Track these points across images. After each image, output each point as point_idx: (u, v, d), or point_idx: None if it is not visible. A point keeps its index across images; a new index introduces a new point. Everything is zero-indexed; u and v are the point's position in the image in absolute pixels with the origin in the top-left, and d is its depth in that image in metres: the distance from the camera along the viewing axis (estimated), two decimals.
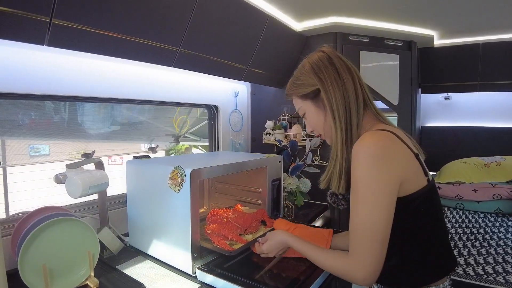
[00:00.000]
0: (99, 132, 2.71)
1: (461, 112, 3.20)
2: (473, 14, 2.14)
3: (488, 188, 2.57)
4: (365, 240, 0.82)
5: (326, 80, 0.96)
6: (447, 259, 0.94)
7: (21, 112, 2.47)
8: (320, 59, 1.00)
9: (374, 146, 0.83)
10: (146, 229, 1.38)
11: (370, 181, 0.82)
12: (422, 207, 0.86)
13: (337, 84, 0.95)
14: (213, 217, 1.44)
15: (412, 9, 2.04)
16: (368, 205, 0.82)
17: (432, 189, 0.90)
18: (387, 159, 0.83)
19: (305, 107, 1.05)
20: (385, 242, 0.82)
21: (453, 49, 2.77)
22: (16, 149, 3.80)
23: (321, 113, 1.01)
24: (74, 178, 1.20)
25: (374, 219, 0.81)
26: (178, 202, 1.19)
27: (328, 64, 0.98)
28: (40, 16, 1.02)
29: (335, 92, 0.95)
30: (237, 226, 1.35)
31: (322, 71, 0.97)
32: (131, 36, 1.29)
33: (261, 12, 1.85)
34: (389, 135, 0.87)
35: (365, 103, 0.98)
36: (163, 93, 1.90)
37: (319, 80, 0.97)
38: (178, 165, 1.18)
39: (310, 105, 1.03)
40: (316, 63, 1.00)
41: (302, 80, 1.03)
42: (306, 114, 1.07)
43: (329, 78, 0.96)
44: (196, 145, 3.97)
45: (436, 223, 0.92)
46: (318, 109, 1.02)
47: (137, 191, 1.42)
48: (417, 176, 0.87)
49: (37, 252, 1.06)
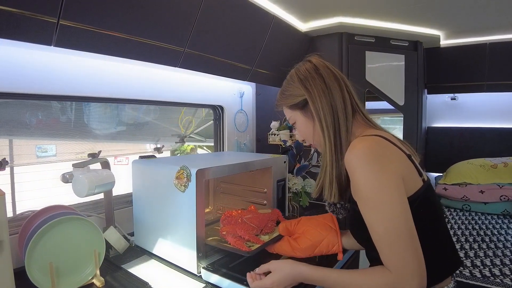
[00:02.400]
0: (105, 132, 2.73)
1: (467, 112, 3.18)
2: (480, 13, 2.12)
3: (495, 189, 2.55)
4: (400, 249, 0.77)
5: (313, 90, 0.97)
6: (450, 259, 0.93)
7: (28, 112, 2.49)
8: (307, 69, 1.02)
9: (366, 150, 0.83)
10: (152, 228, 1.38)
11: (374, 184, 0.80)
12: (421, 208, 0.84)
13: (324, 94, 0.96)
14: (227, 219, 1.41)
15: (418, 9, 2.03)
16: (385, 210, 0.79)
17: (428, 189, 0.89)
18: (382, 160, 0.82)
19: (294, 117, 1.07)
20: (417, 243, 0.78)
21: (460, 49, 2.75)
22: (23, 149, 3.83)
23: (310, 123, 1.02)
24: (80, 178, 1.21)
25: (398, 223, 0.77)
26: (183, 201, 1.19)
27: (315, 74, 0.99)
28: (48, 17, 1.03)
29: (322, 102, 0.96)
30: (252, 227, 1.32)
31: (309, 81, 0.99)
32: (137, 37, 1.30)
33: (266, 12, 1.85)
34: (379, 139, 0.87)
35: (353, 110, 0.99)
36: (169, 93, 1.91)
37: (306, 90, 0.99)
38: (183, 165, 1.19)
39: (299, 115, 1.05)
40: (303, 74, 1.01)
41: (290, 91, 1.05)
42: (296, 123, 1.08)
43: (315, 88, 0.97)
44: (201, 146, 3.98)
45: (436, 223, 0.91)
46: (307, 119, 1.03)
47: (143, 190, 1.42)
48: (412, 177, 0.86)
49: (44, 250, 1.07)
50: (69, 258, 1.13)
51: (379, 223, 0.80)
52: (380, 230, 0.79)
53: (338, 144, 0.95)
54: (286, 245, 1.22)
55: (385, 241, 0.79)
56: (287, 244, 1.22)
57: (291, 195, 2.03)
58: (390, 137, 0.91)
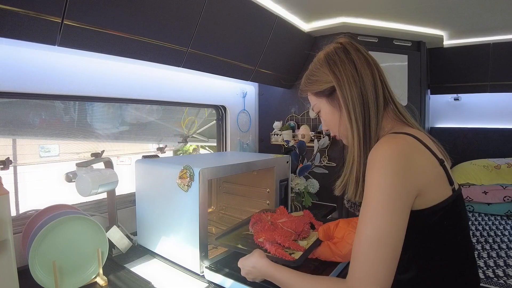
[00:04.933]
0: (108, 132, 2.73)
1: (471, 113, 3.17)
2: (483, 13, 2.11)
3: (499, 190, 2.54)
4: (376, 255, 0.69)
5: (342, 77, 0.87)
6: (469, 277, 0.83)
7: (32, 112, 2.50)
8: (337, 52, 0.90)
9: (392, 151, 0.74)
10: (155, 228, 1.38)
11: (386, 189, 0.72)
12: (445, 220, 0.76)
13: (354, 81, 0.85)
14: (259, 224, 1.30)
15: (421, 9, 2.02)
16: (384, 215, 0.71)
17: (457, 200, 0.80)
18: (405, 167, 0.73)
19: (319, 105, 0.97)
20: (396, 260, 0.70)
21: (463, 49, 2.74)
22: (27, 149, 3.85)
23: (337, 113, 0.92)
24: (84, 177, 1.21)
25: (388, 231, 0.70)
26: (186, 201, 1.19)
27: (345, 58, 0.88)
28: (52, 17, 1.04)
29: (352, 91, 0.85)
30: (290, 232, 1.23)
31: (338, 66, 0.88)
32: (141, 37, 1.30)
33: (269, 12, 1.85)
34: (410, 139, 0.79)
35: (386, 101, 0.88)
36: (172, 93, 1.91)
37: (334, 76, 0.88)
38: (187, 165, 1.19)
39: (325, 103, 0.94)
40: (331, 57, 0.90)
41: (317, 76, 0.94)
42: (321, 112, 0.98)
43: (345, 74, 0.86)
44: (204, 146, 3.99)
45: (459, 238, 0.81)
46: (334, 108, 0.93)
47: (146, 190, 1.43)
48: (440, 186, 0.78)
49: (48, 249, 1.08)
50: (72, 257, 1.13)
51: (367, 226, 0.72)
52: (367, 232, 0.72)
53: (367, 138, 0.85)
54: (327, 250, 1.15)
55: (362, 247, 0.71)
56: (327, 249, 1.15)
57: (293, 195, 2.03)
58: (424, 137, 0.82)
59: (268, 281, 0.96)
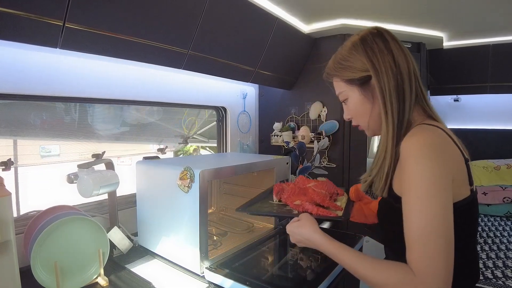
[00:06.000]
0: (108, 133, 2.74)
1: (470, 114, 3.17)
2: (483, 15, 2.12)
3: (498, 191, 2.54)
4: (432, 251, 0.67)
5: (381, 67, 0.83)
6: (471, 275, 0.85)
7: (33, 113, 2.51)
8: (374, 39, 0.86)
9: (431, 140, 0.74)
10: (155, 228, 1.39)
11: (428, 175, 0.70)
12: (458, 219, 0.72)
13: (393, 73, 0.82)
14: (283, 191, 1.26)
15: (421, 10, 2.03)
16: (430, 205, 0.69)
17: (473, 202, 0.79)
18: (444, 156, 0.73)
19: (348, 93, 0.91)
20: (452, 250, 0.68)
21: (463, 51, 2.75)
22: (27, 150, 3.87)
23: (368, 103, 0.88)
24: (85, 178, 1.22)
25: (438, 223, 0.68)
26: (187, 202, 1.20)
27: (383, 47, 0.84)
28: (54, 20, 1.05)
29: (390, 83, 0.82)
30: (324, 193, 1.17)
31: (377, 56, 0.84)
32: (142, 39, 1.31)
33: (269, 14, 1.86)
34: (442, 132, 0.78)
35: (417, 95, 0.85)
36: (172, 94, 1.92)
37: (373, 66, 0.84)
38: (187, 166, 1.20)
39: (356, 91, 0.89)
40: (369, 44, 0.85)
41: (351, 62, 0.88)
42: (348, 100, 0.92)
43: (384, 65, 0.83)
44: (204, 146, 4.00)
45: (468, 238, 0.82)
46: (365, 98, 0.88)
47: (147, 191, 1.44)
48: (462, 184, 0.77)
49: (49, 250, 1.09)
50: (74, 258, 1.14)
51: (418, 217, 0.70)
52: (417, 225, 0.70)
53: (401, 131, 0.82)
54: (359, 212, 1.15)
55: (418, 239, 0.69)
56: (359, 210, 1.15)
57: None
58: (452, 134, 0.82)
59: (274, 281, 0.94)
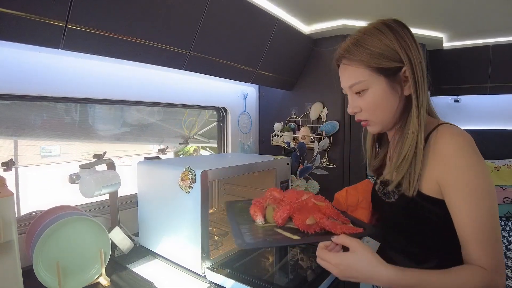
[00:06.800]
0: (109, 133, 2.75)
1: (470, 114, 3.17)
2: (483, 16, 2.12)
3: (499, 191, 2.55)
4: (495, 244, 0.70)
5: (415, 61, 0.79)
6: None
7: (33, 113, 2.52)
8: (404, 33, 0.82)
9: (468, 137, 0.76)
10: (156, 229, 1.40)
11: (479, 173, 0.72)
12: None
13: (422, 68, 0.80)
14: (279, 208, 0.98)
15: (421, 11, 2.04)
16: (491, 199, 0.71)
17: None
18: (480, 154, 0.75)
19: (371, 83, 0.82)
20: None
21: (463, 51, 2.75)
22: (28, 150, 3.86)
23: (395, 97, 0.82)
24: (87, 178, 1.23)
25: (495, 217, 0.71)
26: (188, 202, 1.21)
27: (411, 37, 0.81)
28: (56, 21, 1.05)
29: (422, 76, 0.79)
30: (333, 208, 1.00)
31: (410, 48, 0.80)
32: (143, 40, 1.31)
33: (270, 15, 1.86)
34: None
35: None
36: (173, 95, 1.93)
37: (408, 59, 0.79)
38: (188, 166, 1.20)
39: (383, 83, 0.81)
40: (401, 35, 0.81)
41: (381, 49, 0.80)
42: (368, 91, 0.83)
43: (417, 57, 0.79)
44: (204, 147, 4.00)
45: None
46: (392, 91, 0.82)
47: (148, 191, 1.44)
48: None
49: (51, 250, 1.09)
50: (75, 258, 1.15)
51: (480, 214, 0.71)
52: (480, 221, 0.70)
53: (425, 128, 0.80)
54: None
55: (482, 235, 0.70)
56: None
57: None
58: None
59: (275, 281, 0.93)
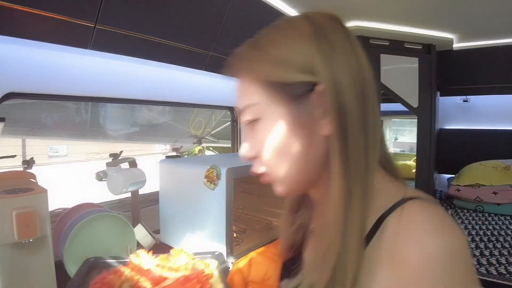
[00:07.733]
0: (119, 133, 2.77)
1: (479, 114, 3.18)
2: (493, 17, 2.14)
3: (508, 191, 2.56)
4: None
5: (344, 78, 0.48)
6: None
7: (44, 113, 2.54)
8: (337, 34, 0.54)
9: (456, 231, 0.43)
10: (178, 225, 1.42)
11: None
12: None
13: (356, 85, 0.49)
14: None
15: (432, 12, 2.06)
16: None
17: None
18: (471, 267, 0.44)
19: (266, 109, 0.52)
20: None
21: (472, 52, 2.76)
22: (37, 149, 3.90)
23: (304, 134, 0.50)
24: (115, 176, 1.26)
25: None
26: (213, 199, 1.23)
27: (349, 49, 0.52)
28: (86, 21, 1.08)
29: (353, 100, 0.48)
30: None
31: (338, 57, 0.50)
32: (168, 41, 1.34)
33: (285, 16, 1.89)
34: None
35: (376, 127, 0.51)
36: (186, 94, 1.95)
37: (329, 72, 0.48)
38: (214, 164, 1.23)
39: (285, 107, 0.50)
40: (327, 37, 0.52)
41: (289, 55, 0.50)
42: (261, 122, 0.52)
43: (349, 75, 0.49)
44: (208, 147, 4.03)
45: None
46: (297, 122, 0.50)
47: (170, 189, 1.46)
48: None
49: (80, 245, 1.12)
50: (102, 253, 1.17)
51: None
52: None
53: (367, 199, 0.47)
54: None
55: None
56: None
57: None
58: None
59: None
